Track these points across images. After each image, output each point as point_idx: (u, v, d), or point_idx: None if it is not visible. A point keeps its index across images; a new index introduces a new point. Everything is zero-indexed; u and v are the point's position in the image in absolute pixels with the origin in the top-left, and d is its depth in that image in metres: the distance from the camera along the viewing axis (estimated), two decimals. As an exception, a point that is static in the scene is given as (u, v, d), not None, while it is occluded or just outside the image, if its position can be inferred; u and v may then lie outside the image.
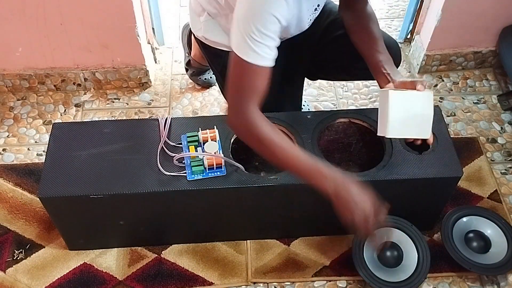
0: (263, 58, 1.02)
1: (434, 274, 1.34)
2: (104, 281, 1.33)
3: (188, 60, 1.75)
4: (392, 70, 1.20)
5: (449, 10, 1.67)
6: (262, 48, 1.01)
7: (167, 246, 1.39)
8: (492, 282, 1.34)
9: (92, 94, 1.78)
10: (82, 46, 1.66)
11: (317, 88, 1.80)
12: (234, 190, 1.20)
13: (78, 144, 1.26)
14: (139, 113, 1.74)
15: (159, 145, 1.24)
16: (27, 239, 1.40)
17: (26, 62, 1.71)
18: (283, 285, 1.34)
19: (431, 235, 1.41)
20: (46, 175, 1.20)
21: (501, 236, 1.34)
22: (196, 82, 1.81)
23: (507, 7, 1.69)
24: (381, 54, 1.22)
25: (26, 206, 1.46)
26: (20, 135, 1.67)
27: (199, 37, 1.38)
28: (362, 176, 1.21)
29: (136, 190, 1.18)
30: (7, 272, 1.34)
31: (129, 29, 1.62)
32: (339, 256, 1.37)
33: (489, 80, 1.84)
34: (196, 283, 1.33)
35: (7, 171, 1.54)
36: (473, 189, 1.52)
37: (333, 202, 1.07)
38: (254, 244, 1.39)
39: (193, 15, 1.38)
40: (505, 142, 1.66)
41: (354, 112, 1.34)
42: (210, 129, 1.25)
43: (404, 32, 1.96)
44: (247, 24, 1.00)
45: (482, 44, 1.81)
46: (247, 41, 1.00)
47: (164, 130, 1.27)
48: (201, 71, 1.77)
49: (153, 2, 1.79)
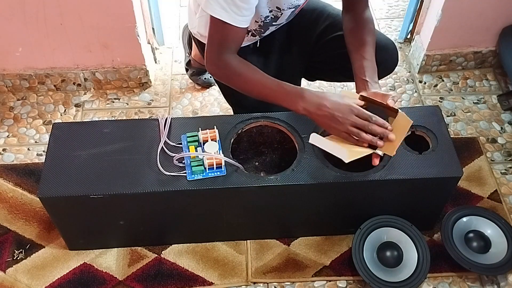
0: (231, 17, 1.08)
1: (434, 274, 1.34)
2: (104, 281, 1.33)
3: (188, 60, 1.76)
4: (372, 79, 1.20)
5: (449, 10, 1.67)
6: (231, 6, 1.06)
7: (167, 246, 1.39)
8: (492, 282, 1.34)
9: (92, 94, 1.78)
10: (82, 46, 1.66)
11: (317, 88, 1.80)
12: (234, 190, 1.20)
13: (78, 144, 1.26)
14: (139, 113, 1.74)
15: (159, 145, 1.24)
16: (27, 239, 1.40)
17: (26, 62, 1.71)
18: (283, 285, 1.34)
19: (431, 235, 1.41)
20: (46, 175, 1.20)
21: (501, 236, 1.34)
22: (196, 82, 1.81)
23: (507, 7, 1.69)
24: (367, 60, 1.22)
25: (26, 206, 1.46)
26: (20, 135, 1.67)
27: (195, 34, 1.39)
28: (362, 176, 1.21)
29: (136, 190, 1.18)
30: (7, 272, 1.34)
31: (129, 29, 1.62)
32: (339, 256, 1.37)
33: (489, 80, 1.84)
34: (196, 283, 1.33)
35: (7, 171, 1.54)
36: (473, 189, 1.52)
37: (315, 120, 1.13)
38: (254, 244, 1.39)
39: (190, 14, 1.39)
40: (505, 142, 1.66)
41: (354, 112, 1.34)
42: (210, 129, 1.25)
43: (404, 32, 1.97)
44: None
45: (482, 44, 1.81)
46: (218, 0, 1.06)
47: (164, 130, 1.27)
48: (201, 71, 1.77)
49: (153, 2, 1.79)
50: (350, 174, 1.22)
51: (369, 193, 1.27)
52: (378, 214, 1.32)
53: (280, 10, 1.21)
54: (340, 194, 1.27)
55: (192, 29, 1.41)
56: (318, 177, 1.20)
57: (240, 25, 1.11)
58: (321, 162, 1.23)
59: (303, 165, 1.22)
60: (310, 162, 1.23)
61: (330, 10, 1.42)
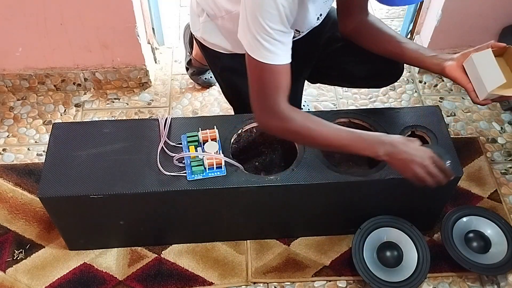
0: (278, 56, 0.98)
1: (434, 274, 1.34)
2: (104, 281, 1.33)
3: (189, 59, 1.75)
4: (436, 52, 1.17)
5: (449, 10, 1.67)
6: (276, 44, 0.97)
7: (167, 246, 1.39)
8: (492, 282, 1.34)
9: (92, 94, 1.78)
10: (82, 46, 1.66)
11: (317, 88, 1.81)
12: (234, 190, 1.20)
13: (78, 144, 1.26)
14: (139, 113, 1.74)
15: (159, 145, 1.24)
16: (27, 239, 1.40)
17: (26, 62, 1.71)
18: (283, 285, 1.34)
19: (431, 235, 1.41)
20: (46, 175, 1.20)
21: (501, 236, 1.34)
22: (196, 81, 1.81)
23: (507, 7, 1.69)
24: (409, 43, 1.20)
25: (26, 206, 1.46)
26: (20, 135, 1.67)
27: (198, 37, 1.38)
28: (362, 176, 1.21)
29: (136, 190, 1.18)
30: (7, 272, 1.34)
31: (129, 29, 1.62)
32: (339, 256, 1.37)
33: (489, 80, 1.84)
34: (196, 283, 1.33)
35: (7, 171, 1.54)
36: (473, 189, 1.52)
37: (390, 164, 1.09)
38: (254, 244, 1.39)
39: (193, 15, 1.38)
40: (505, 142, 1.66)
41: (354, 112, 1.34)
42: (210, 129, 1.25)
43: (404, 32, 1.96)
44: (255, 20, 0.95)
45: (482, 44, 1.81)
46: (259, 40, 0.96)
47: (164, 130, 1.27)
48: (201, 71, 1.77)
49: (153, 2, 1.79)
50: (350, 174, 1.22)
51: (369, 193, 1.27)
52: (378, 214, 1.32)
53: (299, 32, 1.19)
54: (340, 194, 1.27)
55: (195, 32, 1.39)
56: (318, 177, 1.20)
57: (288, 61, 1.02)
58: (321, 162, 1.23)
59: (303, 165, 1.22)
60: (310, 162, 1.23)
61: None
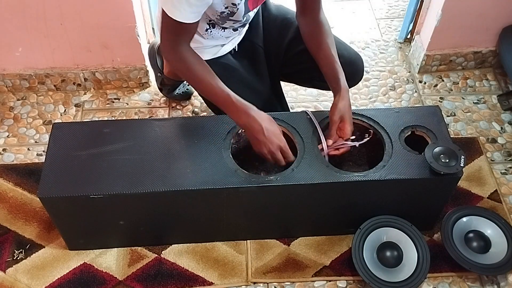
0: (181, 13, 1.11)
1: (434, 274, 1.34)
2: (104, 281, 1.33)
3: (161, 79, 1.69)
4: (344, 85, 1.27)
5: (449, 10, 1.67)
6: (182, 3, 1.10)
7: (167, 246, 1.39)
8: (492, 282, 1.34)
9: (92, 94, 1.78)
10: (82, 46, 1.66)
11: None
12: (234, 190, 1.20)
13: (78, 144, 1.26)
14: (139, 113, 1.74)
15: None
16: (27, 239, 1.40)
17: (26, 62, 1.71)
18: (283, 285, 1.34)
19: (431, 235, 1.41)
20: (46, 175, 1.20)
21: (501, 236, 1.34)
22: (174, 98, 1.75)
23: (507, 7, 1.69)
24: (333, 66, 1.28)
25: (26, 206, 1.46)
26: (20, 135, 1.67)
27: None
28: (362, 176, 1.21)
29: (136, 190, 1.18)
30: (7, 272, 1.34)
31: (129, 29, 1.62)
32: (339, 256, 1.37)
33: (489, 80, 1.84)
34: (196, 283, 1.33)
35: (7, 171, 1.54)
36: (473, 189, 1.52)
37: (246, 133, 1.21)
38: (254, 244, 1.39)
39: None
40: (505, 142, 1.66)
41: (354, 112, 1.34)
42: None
43: (404, 32, 1.97)
44: None
45: (482, 44, 1.81)
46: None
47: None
48: (176, 85, 1.71)
49: (153, 2, 1.79)
50: (350, 174, 1.22)
51: (369, 193, 1.27)
52: (378, 214, 1.32)
53: (235, 6, 1.23)
54: (340, 194, 1.27)
55: None
56: (318, 177, 1.20)
57: (191, 21, 1.15)
58: (321, 162, 1.23)
59: (303, 165, 1.22)
60: (310, 162, 1.23)
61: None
